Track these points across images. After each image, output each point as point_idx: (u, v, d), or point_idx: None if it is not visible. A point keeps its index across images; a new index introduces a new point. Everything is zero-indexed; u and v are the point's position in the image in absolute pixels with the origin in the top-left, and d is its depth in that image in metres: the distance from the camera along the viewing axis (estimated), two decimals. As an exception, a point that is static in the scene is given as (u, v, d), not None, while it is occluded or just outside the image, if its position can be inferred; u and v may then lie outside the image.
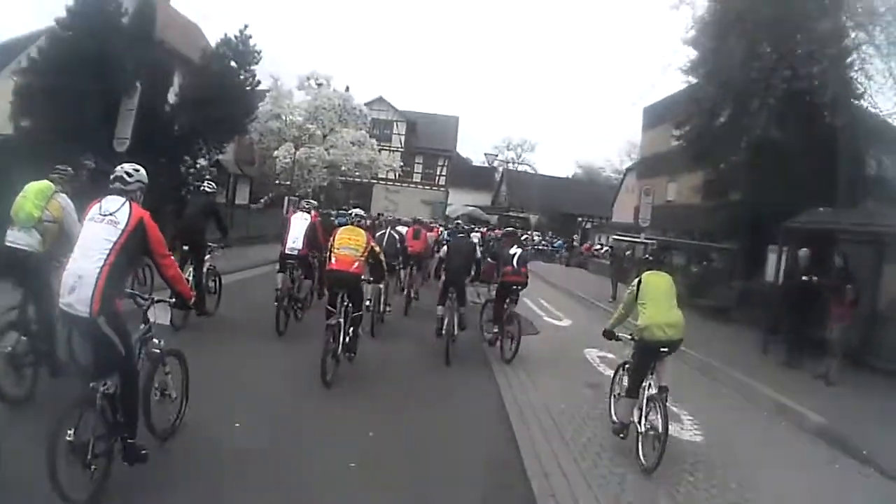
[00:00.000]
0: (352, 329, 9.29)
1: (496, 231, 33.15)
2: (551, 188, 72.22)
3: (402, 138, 61.65)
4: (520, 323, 11.64)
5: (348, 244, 9.35)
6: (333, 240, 9.50)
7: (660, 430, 6.74)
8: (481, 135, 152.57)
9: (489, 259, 13.39)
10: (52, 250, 6.73)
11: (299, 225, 12.36)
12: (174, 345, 6.41)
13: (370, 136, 44.11)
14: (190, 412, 6.36)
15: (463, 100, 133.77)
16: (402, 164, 53.74)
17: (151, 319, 5.74)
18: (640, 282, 7.64)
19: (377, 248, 9.90)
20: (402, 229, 16.78)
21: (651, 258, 8.68)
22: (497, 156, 42.08)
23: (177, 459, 5.76)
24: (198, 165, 21.22)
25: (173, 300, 5.77)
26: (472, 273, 12.24)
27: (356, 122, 42.65)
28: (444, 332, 11.25)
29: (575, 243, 54.16)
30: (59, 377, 6.71)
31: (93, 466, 4.62)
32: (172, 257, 5.60)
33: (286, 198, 31.37)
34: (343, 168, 41.41)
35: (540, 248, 49.56)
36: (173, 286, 5.58)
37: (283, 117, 39.13)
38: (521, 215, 65.78)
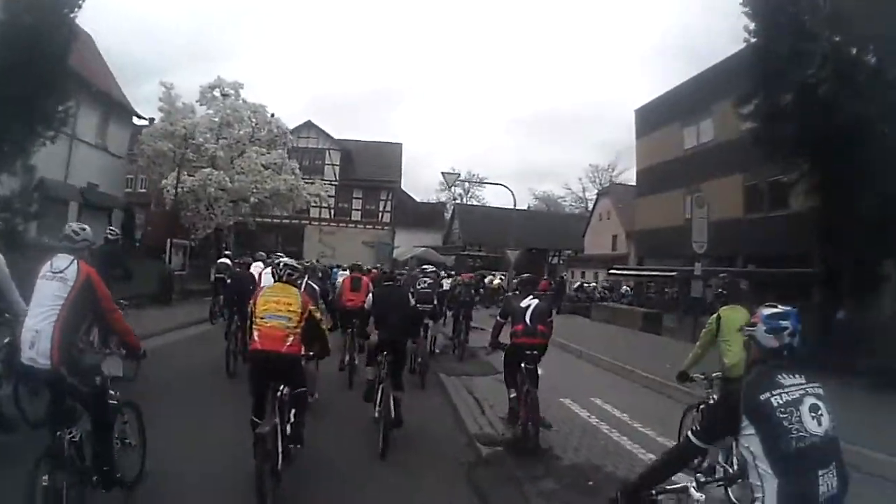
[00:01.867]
0: (294, 413, 7.31)
1: (464, 275, 27.30)
2: (509, 222, 65.21)
3: (337, 169, 54.67)
4: (537, 406, 9.21)
5: (276, 310, 6.99)
6: (254, 305, 7.14)
7: None
8: (424, 172, 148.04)
9: (497, 317, 10.69)
10: None
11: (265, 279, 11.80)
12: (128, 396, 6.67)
13: (290, 159, 36.88)
14: (150, 462, 6.64)
15: (402, 134, 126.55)
16: (330, 194, 45.11)
17: (105, 372, 5.93)
18: (718, 318, 7.63)
19: (318, 314, 7.59)
20: (340, 276, 17.19)
21: (726, 292, 8.06)
22: (448, 184, 33.87)
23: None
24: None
25: (124, 352, 6.19)
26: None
27: (273, 141, 35.42)
28: (377, 409, 9.04)
29: (567, 282, 46.51)
30: (8, 433, 7.04)
31: None
32: (120, 311, 6.11)
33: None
34: (252, 199, 33.54)
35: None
36: (123, 338, 6.08)
37: (178, 136, 32.08)
38: (486, 254, 61.50)
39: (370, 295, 10.97)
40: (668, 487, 3.92)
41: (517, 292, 10.83)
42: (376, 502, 7.36)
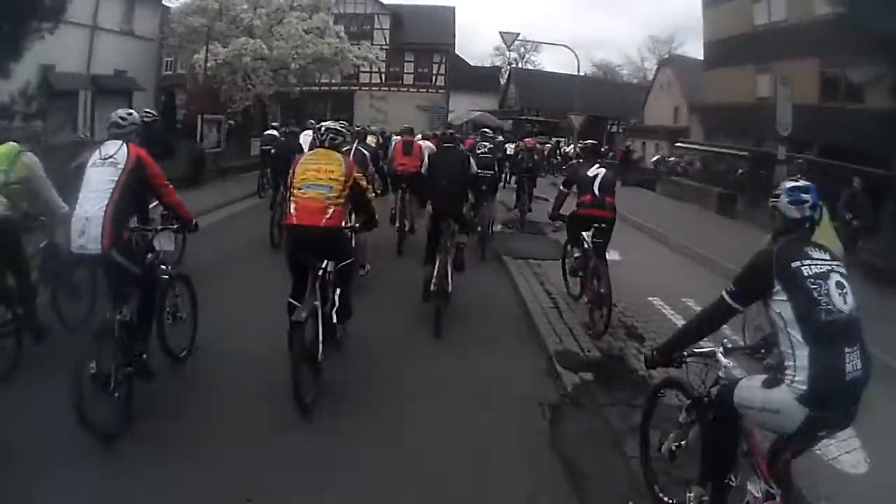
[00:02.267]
0: (340, 291, 6.79)
1: (528, 140, 25.41)
2: (567, 88, 61.07)
3: (387, 34, 52.32)
4: (608, 282, 8.65)
5: (317, 179, 6.30)
6: (292, 175, 6.45)
7: None
8: (476, 38, 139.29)
9: (562, 187, 10.00)
10: (27, 212, 6.93)
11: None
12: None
13: (336, 24, 34.87)
14: (199, 335, 6.98)
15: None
16: (381, 59, 42.52)
17: (157, 247, 6.16)
18: None
19: (363, 181, 6.93)
20: (371, 140, 15.81)
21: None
22: (507, 44, 31.77)
23: (193, 380, 6.52)
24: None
25: (175, 226, 6.39)
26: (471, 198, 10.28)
27: (316, 6, 33.65)
28: (433, 283, 8.46)
29: (633, 153, 44.83)
30: (42, 343, 6.63)
31: (116, 394, 5.16)
32: (171, 186, 6.11)
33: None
34: (293, 66, 31.81)
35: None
36: (175, 211, 6.30)
37: (211, 10, 30.69)
38: (545, 120, 59.72)
39: (426, 158, 10.60)
40: (697, 351, 4.24)
41: (580, 160, 10.31)
42: (429, 391, 6.81)
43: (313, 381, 6.14)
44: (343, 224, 6.59)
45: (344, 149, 8.29)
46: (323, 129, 6.96)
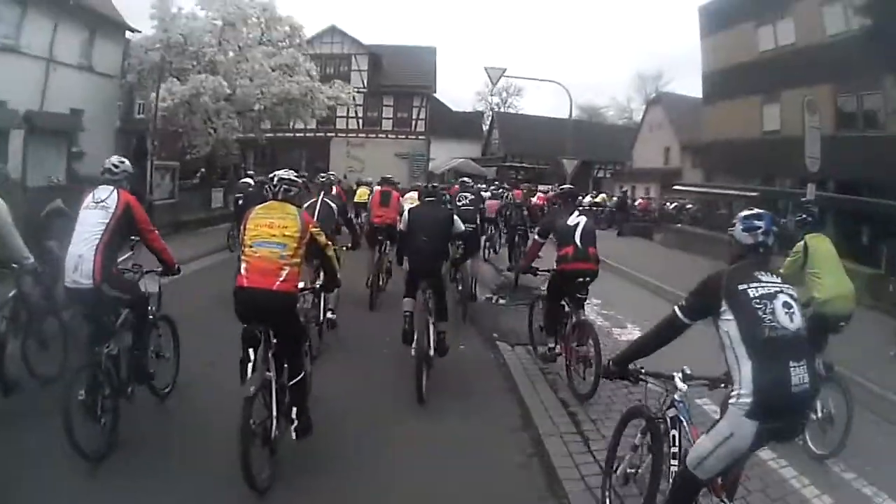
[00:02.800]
0: (288, 367, 5.95)
1: (517, 192, 24.28)
2: (552, 133, 60.92)
3: (365, 76, 49.22)
4: (596, 339, 7.99)
5: (269, 236, 5.73)
6: (243, 231, 5.93)
7: (844, 413, 6.43)
8: (458, 84, 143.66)
9: (536, 236, 9.37)
10: None
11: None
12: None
13: (307, 61, 32.35)
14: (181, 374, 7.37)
15: (434, 39, 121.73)
16: (357, 103, 41.93)
17: (143, 289, 6.68)
18: (805, 247, 7.26)
19: (322, 236, 6.23)
20: (364, 191, 16.70)
21: (810, 219, 7.63)
22: (493, 81, 29.40)
23: (175, 414, 6.85)
24: None
25: (160, 269, 6.91)
26: (457, 253, 10.69)
27: (286, 42, 31.66)
28: (414, 343, 7.93)
29: (630, 200, 41.37)
30: (13, 394, 6.74)
31: (103, 420, 5.61)
32: (156, 232, 6.66)
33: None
34: (258, 106, 29.47)
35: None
36: (159, 255, 6.72)
37: (174, 44, 28.29)
38: (530, 166, 59.36)
39: (405, 213, 9.59)
40: (656, 372, 4.64)
41: (557, 206, 9.95)
42: (412, 469, 6.16)
43: (268, 460, 5.63)
44: (298, 287, 6.00)
45: (308, 202, 9.22)
46: (275, 179, 6.27)
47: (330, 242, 6.70)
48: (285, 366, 5.93)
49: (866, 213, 20.79)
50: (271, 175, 6.41)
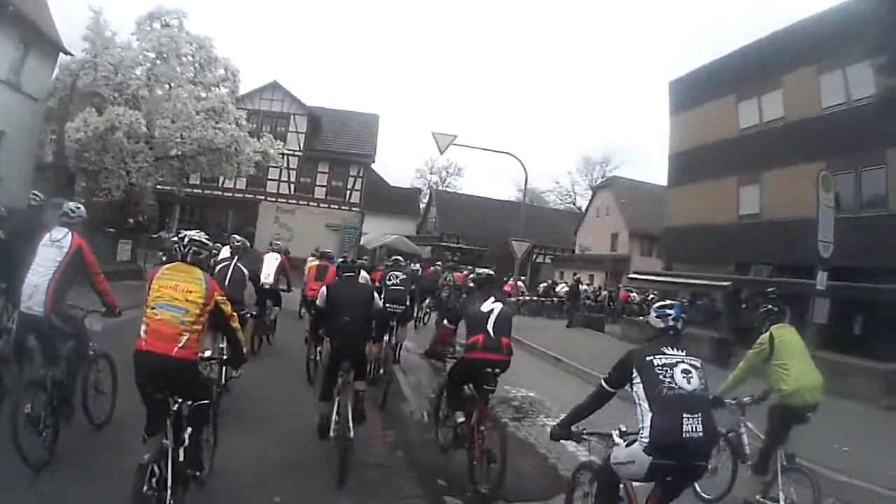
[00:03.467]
0: (191, 432, 5.76)
1: (458, 275, 24.90)
2: (491, 214, 63.17)
3: (302, 138, 46.23)
4: (503, 434, 7.72)
5: (172, 299, 5.56)
6: (147, 290, 5.75)
7: None
8: (397, 154, 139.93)
9: (445, 321, 9.24)
10: None
11: (270, 263, 14.24)
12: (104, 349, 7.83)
13: (240, 110, 29.58)
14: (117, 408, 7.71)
15: (377, 108, 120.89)
16: (285, 157, 37.13)
17: (87, 327, 7.36)
18: (771, 338, 7.40)
19: (227, 305, 6.07)
20: (273, 259, 14.70)
21: (776, 308, 7.72)
22: (441, 149, 26.11)
23: (109, 440, 7.19)
24: None
25: (104, 310, 7.48)
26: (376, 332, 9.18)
27: (219, 85, 28.30)
28: (331, 433, 7.81)
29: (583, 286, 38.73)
30: None
31: (44, 434, 6.27)
32: (102, 276, 7.42)
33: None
34: (175, 151, 26.18)
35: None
36: (102, 297, 7.39)
37: (102, 70, 25.26)
38: (467, 247, 56.96)
39: (323, 289, 8.97)
40: (597, 431, 5.51)
41: (468, 293, 10.75)
42: None
43: None
44: (197, 354, 5.76)
45: (221, 265, 10.69)
46: (185, 239, 6.04)
47: (235, 314, 6.36)
48: (187, 433, 5.71)
49: (872, 298, 19.19)
50: (182, 235, 6.20)
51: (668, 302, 5.37)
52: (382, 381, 11.53)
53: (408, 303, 13.81)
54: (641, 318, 28.07)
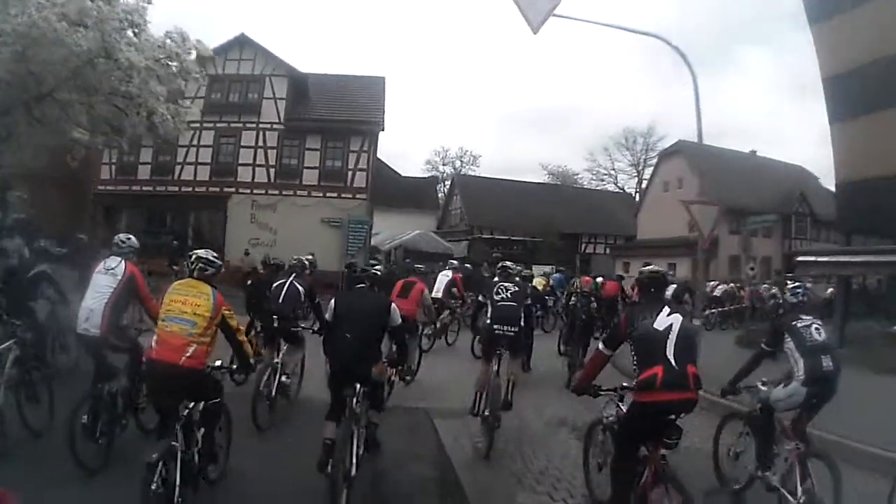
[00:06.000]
0: (202, 434, 6.55)
1: (584, 279, 21.11)
2: (525, 199, 54.97)
3: (282, 106, 35.21)
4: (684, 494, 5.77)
5: (181, 312, 6.32)
6: (161, 303, 6.68)
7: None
8: (401, 151, 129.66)
9: (601, 345, 6.64)
10: None
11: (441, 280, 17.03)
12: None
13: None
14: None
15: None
16: (269, 146, 30.45)
17: (142, 345, 7.65)
18: None
19: (233, 320, 6.91)
20: (444, 277, 16.99)
21: None
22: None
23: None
24: None
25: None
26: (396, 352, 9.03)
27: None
28: (329, 465, 6.95)
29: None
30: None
31: (100, 441, 7.12)
32: (154, 301, 7.80)
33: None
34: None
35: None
36: (156, 321, 7.05)
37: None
38: (508, 238, 48.54)
39: (331, 302, 8.17)
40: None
41: (636, 301, 9.88)
42: None
43: None
44: (204, 364, 6.46)
45: (279, 282, 11.19)
46: (193, 257, 6.93)
47: (242, 328, 7.34)
48: (199, 434, 6.48)
49: None
50: (190, 253, 7.07)
51: (797, 283, 8.39)
52: (487, 424, 9.26)
53: (521, 324, 10.14)
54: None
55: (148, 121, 20.53)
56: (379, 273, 10.87)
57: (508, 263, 12.08)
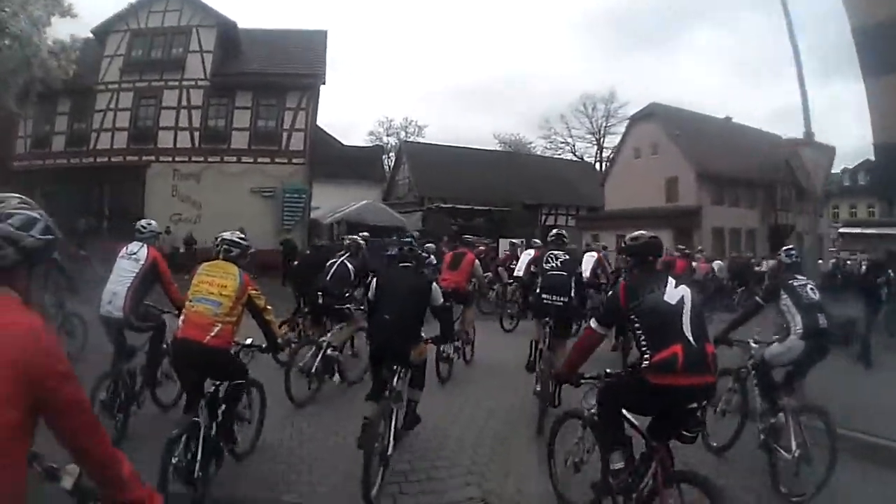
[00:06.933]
0: (223, 411, 6.47)
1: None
2: (478, 167, 51.76)
3: (209, 60, 31.11)
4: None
5: (208, 293, 6.48)
6: (190, 284, 6.83)
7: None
8: (348, 119, 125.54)
9: (594, 323, 5.81)
10: None
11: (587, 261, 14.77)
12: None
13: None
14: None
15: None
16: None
17: (166, 323, 8.16)
18: None
19: (260, 300, 6.89)
20: (590, 257, 15.66)
21: None
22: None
23: (170, 423, 6.74)
24: None
25: (177, 312, 7.46)
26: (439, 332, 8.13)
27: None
28: (373, 449, 6.55)
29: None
30: None
31: (117, 418, 7.21)
32: (175, 285, 8.14)
33: None
34: None
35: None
36: (176, 304, 7.86)
37: None
38: (468, 207, 44.02)
39: (374, 280, 8.24)
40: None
41: (633, 270, 6.15)
42: None
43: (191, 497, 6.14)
44: (230, 343, 6.60)
45: (331, 261, 11.28)
46: (218, 239, 7.08)
47: (270, 307, 7.11)
48: (220, 410, 6.44)
49: None
50: (223, 234, 7.10)
51: (790, 245, 8.90)
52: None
53: (572, 294, 9.81)
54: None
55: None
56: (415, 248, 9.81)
57: (561, 231, 11.08)
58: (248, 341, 6.74)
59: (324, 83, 32.66)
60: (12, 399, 2.37)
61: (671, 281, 5.31)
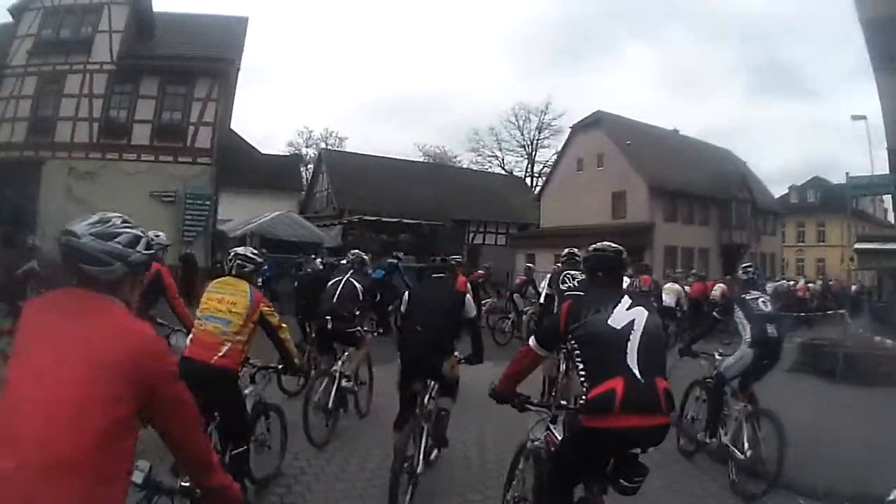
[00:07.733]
0: (232, 446, 6.42)
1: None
2: (401, 179, 50.75)
3: (117, 42, 27.86)
4: None
5: (217, 310, 6.47)
6: (199, 301, 6.96)
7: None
8: (265, 128, 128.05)
9: (532, 340, 5.37)
10: None
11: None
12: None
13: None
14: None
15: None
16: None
17: (172, 344, 7.49)
18: None
19: (274, 317, 6.81)
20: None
21: None
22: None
23: None
24: None
25: (186, 330, 7.64)
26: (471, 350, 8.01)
27: None
28: (402, 473, 6.54)
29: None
30: None
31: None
32: (181, 299, 8.55)
33: None
34: None
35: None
36: (181, 320, 8.25)
37: None
38: (395, 220, 39.78)
39: (405, 295, 8.41)
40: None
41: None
42: None
43: None
44: (238, 364, 6.50)
45: (335, 279, 10.41)
46: (231, 254, 7.23)
47: (284, 325, 6.99)
48: (228, 447, 6.47)
49: None
50: (229, 251, 7.91)
51: (748, 263, 9.54)
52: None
53: None
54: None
55: None
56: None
57: (574, 249, 10.86)
58: (259, 362, 6.71)
59: (238, 69, 29.91)
60: (127, 396, 2.71)
61: (625, 301, 4.75)
